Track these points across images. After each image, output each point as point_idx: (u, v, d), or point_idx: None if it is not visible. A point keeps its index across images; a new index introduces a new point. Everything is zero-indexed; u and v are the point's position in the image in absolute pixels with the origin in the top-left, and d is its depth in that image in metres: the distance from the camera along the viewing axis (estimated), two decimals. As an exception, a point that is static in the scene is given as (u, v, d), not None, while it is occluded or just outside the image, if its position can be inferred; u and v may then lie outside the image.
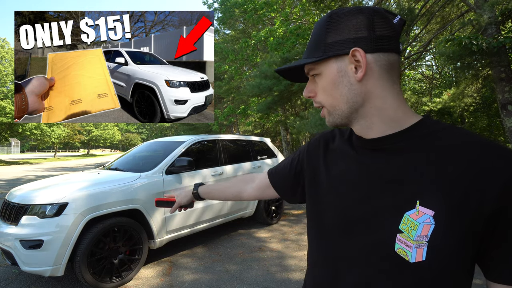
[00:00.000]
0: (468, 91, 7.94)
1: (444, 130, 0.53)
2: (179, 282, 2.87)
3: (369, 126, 0.58)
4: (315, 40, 0.59)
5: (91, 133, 51.55)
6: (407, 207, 0.51)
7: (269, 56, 9.05)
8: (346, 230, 0.58)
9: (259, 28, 12.52)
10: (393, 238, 0.51)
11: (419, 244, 0.48)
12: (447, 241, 0.47)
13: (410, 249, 0.49)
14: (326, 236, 0.63)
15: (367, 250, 0.54)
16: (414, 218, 0.49)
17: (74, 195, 2.62)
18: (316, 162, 0.71)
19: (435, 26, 7.86)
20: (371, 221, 0.55)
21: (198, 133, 21.91)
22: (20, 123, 21.01)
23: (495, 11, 4.54)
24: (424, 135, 0.54)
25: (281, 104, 10.13)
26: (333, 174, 0.65)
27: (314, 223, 0.67)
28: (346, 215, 0.59)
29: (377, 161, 0.57)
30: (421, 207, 0.49)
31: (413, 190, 0.51)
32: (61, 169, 16.72)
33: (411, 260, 0.49)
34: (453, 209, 0.47)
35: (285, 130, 13.25)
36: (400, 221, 0.51)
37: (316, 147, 0.74)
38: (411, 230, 0.49)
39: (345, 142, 0.66)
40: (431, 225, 0.48)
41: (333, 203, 0.62)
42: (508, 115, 4.56)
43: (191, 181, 3.60)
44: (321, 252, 0.64)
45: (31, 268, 2.43)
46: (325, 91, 0.59)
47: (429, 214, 0.48)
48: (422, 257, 0.48)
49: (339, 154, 0.66)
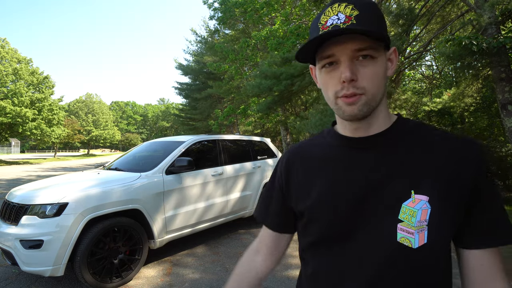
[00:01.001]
0: (468, 91, 7.93)
1: (417, 127, 0.61)
2: (179, 282, 2.87)
3: (373, 122, 0.60)
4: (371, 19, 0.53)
5: (91, 133, 51.55)
6: (403, 198, 0.54)
7: (269, 56, 9.05)
8: (349, 232, 0.59)
9: (259, 28, 12.53)
10: (394, 228, 0.54)
11: (420, 228, 0.53)
12: (443, 221, 0.53)
13: (412, 235, 0.53)
14: (329, 243, 0.62)
15: (372, 246, 0.56)
16: (412, 206, 0.54)
17: (74, 195, 2.62)
18: (299, 178, 0.68)
19: (435, 26, 7.86)
20: (371, 218, 0.56)
21: (198, 133, 21.92)
22: (21, 123, 21.02)
23: (495, 11, 4.53)
24: (405, 132, 0.60)
25: (281, 104, 10.12)
26: (322, 181, 0.63)
27: (314, 234, 0.64)
28: (346, 218, 0.59)
29: (367, 160, 0.59)
30: (417, 195, 0.54)
31: (406, 181, 0.55)
32: (61, 169, 16.71)
33: (414, 246, 0.53)
34: (443, 192, 0.53)
35: (285, 130, 13.25)
36: (399, 212, 0.54)
37: (291, 163, 0.71)
38: (411, 218, 0.53)
39: (327, 148, 0.66)
40: (427, 209, 0.53)
41: (331, 209, 0.61)
42: (508, 115, 4.56)
43: (191, 181, 3.61)
44: (325, 259, 0.62)
45: (31, 268, 2.43)
46: (375, 79, 0.55)
47: (425, 200, 0.53)
48: (424, 240, 0.52)
49: (324, 161, 0.65)
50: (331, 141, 0.67)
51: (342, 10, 0.54)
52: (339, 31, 0.51)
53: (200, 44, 22.07)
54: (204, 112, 21.90)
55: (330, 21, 0.54)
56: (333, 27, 0.53)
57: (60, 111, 26.18)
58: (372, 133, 0.60)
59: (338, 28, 0.52)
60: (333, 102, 0.58)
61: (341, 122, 0.65)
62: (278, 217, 0.73)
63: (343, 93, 0.55)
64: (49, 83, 25.08)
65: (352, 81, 0.54)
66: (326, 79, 0.58)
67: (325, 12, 0.56)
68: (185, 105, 27.65)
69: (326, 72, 0.58)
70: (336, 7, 0.55)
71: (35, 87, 24.03)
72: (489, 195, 0.55)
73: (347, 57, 0.54)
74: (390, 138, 0.60)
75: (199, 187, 3.70)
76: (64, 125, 31.57)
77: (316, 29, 0.56)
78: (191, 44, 32.47)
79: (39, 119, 22.93)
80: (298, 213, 0.69)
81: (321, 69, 0.59)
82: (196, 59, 22.88)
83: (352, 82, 0.54)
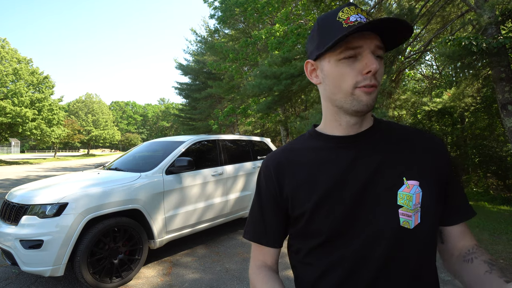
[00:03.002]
0: (468, 91, 7.93)
1: (391, 124, 0.71)
2: (179, 281, 2.87)
3: (366, 118, 0.68)
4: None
5: (91, 133, 51.54)
6: (398, 185, 0.61)
7: (269, 56, 9.05)
8: (355, 226, 0.61)
9: (259, 28, 12.52)
10: (396, 214, 0.60)
11: (416, 211, 0.60)
12: (433, 202, 0.61)
13: (410, 218, 0.60)
14: (337, 240, 0.63)
15: (380, 234, 0.60)
16: (407, 191, 0.61)
17: (74, 195, 2.61)
18: (292, 183, 0.68)
19: (435, 26, 7.86)
20: (374, 208, 0.61)
21: (198, 133, 21.91)
22: (21, 123, 21.01)
23: (495, 11, 4.53)
24: (386, 128, 0.69)
25: (281, 104, 10.13)
26: (321, 183, 0.64)
27: (319, 236, 0.64)
28: (351, 214, 0.61)
29: (360, 155, 0.64)
30: (409, 181, 0.61)
31: (397, 170, 0.62)
32: (61, 169, 16.71)
33: (411, 227, 0.59)
34: (430, 177, 0.63)
35: (285, 130, 13.24)
36: (396, 198, 0.60)
37: (281, 169, 0.70)
38: (408, 202, 0.60)
39: (317, 150, 0.69)
40: (420, 193, 0.61)
41: (334, 209, 0.62)
42: (508, 115, 4.56)
43: (191, 181, 3.60)
44: (335, 256, 0.63)
45: (31, 268, 2.43)
46: (382, 76, 0.62)
47: (416, 185, 0.61)
48: (418, 220, 0.60)
49: (317, 163, 0.67)
50: (321, 143, 0.69)
51: (360, 12, 0.60)
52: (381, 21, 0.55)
53: (200, 44, 22.08)
54: (204, 112, 21.90)
55: (353, 18, 0.58)
56: (358, 23, 0.57)
57: (60, 111, 26.16)
58: (363, 129, 0.67)
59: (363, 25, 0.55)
60: (349, 93, 0.61)
61: (334, 120, 0.68)
62: (275, 231, 0.72)
63: (365, 83, 0.59)
64: (49, 83, 25.07)
65: (376, 72, 0.59)
66: (346, 70, 0.60)
67: (343, 10, 0.60)
68: (185, 105, 27.65)
69: (347, 63, 0.60)
70: (354, 8, 0.60)
71: (35, 87, 24.02)
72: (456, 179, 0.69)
73: (372, 50, 0.59)
74: (378, 132, 0.68)
75: (199, 187, 3.70)
76: (64, 125, 31.54)
77: (337, 24, 0.59)
78: (191, 44, 32.52)
79: (39, 119, 22.92)
80: (294, 218, 0.68)
81: (339, 61, 0.60)
82: (196, 59, 22.88)
83: (374, 75, 0.59)
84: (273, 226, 0.71)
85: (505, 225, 4.51)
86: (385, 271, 0.59)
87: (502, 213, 5.49)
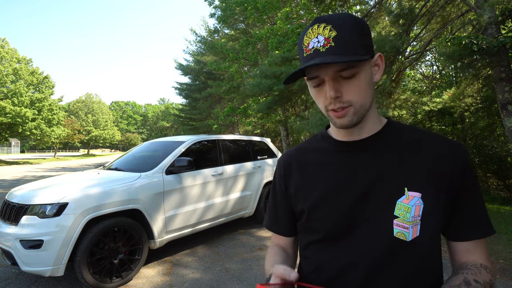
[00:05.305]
0: (468, 91, 7.93)
1: (405, 129, 0.67)
2: (179, 281, 2.87)
3: (364, 126, 0.66)
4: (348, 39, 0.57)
5: (91, 133, 51.53)
6: (397, 195, 0.60)
7: (269, 56, 9.04)
8: (350, 229, 0.63)
9: (259, 28, 12.50)
10: (391, 224, 0.59)
11: (414, 223, 0.58)
12: (435, 215, 0.59)
13: (407, 230, 0.58)
14: (331, 240, 0.66)
15: (371, 241, 0.60)
16: (406, 203, 0.59)
17: (74, 195, 2.61)
18: (297, 180, 0.73)
19: (435, 26, 7.85)
20: (370, 216, 0.61)
21: (198, 133, 21.92)
22: (21, 123, 21.00)
23: (495, 11, 4.53)
24: (395, 134, 0.66)
25: (281, 104, 10.12)
26: (322, 184, 0.68)
27: (316, 233, 0.68)
28: (346, 217, 0.63)
29: (361, 162, 0.64)
30: (410, 192, 0.59)
31: (399, 180, 0.60)
32: (61, 169, 16.71)
33: (408, 239, 0.58)
34: (435, 189, 0.59)
35: (285, 130, 13.24)
36: (394, 208, 0.59)
37: (289, 167, 0.76)
38: (406, 213, 0.58)
39: (323, 152, 0.71)
40: (421, 205, 0.58)
41: (332, 210, 0.65)
42: (508, 115, 4.55)
43: (191, 181, 3.60)
44: (328, 255, 0.66)
45: (31, 268, 2.43)
46: (360, 91, 0.59)
47: (418, 196, 0.59)
48: (417, 233, 0.58)
49: (321, 165, 0.70)
50: (327, 145, 0.72)
51: (321, 32, 0.58)
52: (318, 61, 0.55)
53: (199, 44, 22.06)
54: (204, 112, 21.89)
55: (312, 44, 0.59)
56: (314, 50, 0.58)
57: (60, 111, 26.16)
58: (364, 136, 0.66)
59: (318, 52, 0.57)
60: (326, 114, 0.64)
61: (333, 127, 0.71)
62: (285, 222, 0.78)
63: (332, 107, 0.61)
64: (49, 83, 25.06)
65: (337, 97, 0.59)
66: (317, 95, 0.64)
67: (307, 34, 0.60)
68: (185, 105, 27.64)
69: (316, 90, 0.63)
70: (316, 28, 0.59)
71: (35, 87, 24.01)
72: (473, 192, 0.62)
73: (330, 77, 0.59)
74: (382, 140, 0.66)
75: (199, 187, 3.70)
76: (64, 125, 31.54)
77: (301, 51, 0.62)
78: (191, 44, 32.47)
79: (39, 119, 22.91)
80: (297, 214, 0.73)
81: (311, 87, 0.64)
82: (195, 59, 22.87)
83: (337, 99, 0.59)
84: (283, 217, 0.79)
85: (505, 225, 4.51)
86: (372, 280, 0.59)
87: (502, 213, 5.48)
